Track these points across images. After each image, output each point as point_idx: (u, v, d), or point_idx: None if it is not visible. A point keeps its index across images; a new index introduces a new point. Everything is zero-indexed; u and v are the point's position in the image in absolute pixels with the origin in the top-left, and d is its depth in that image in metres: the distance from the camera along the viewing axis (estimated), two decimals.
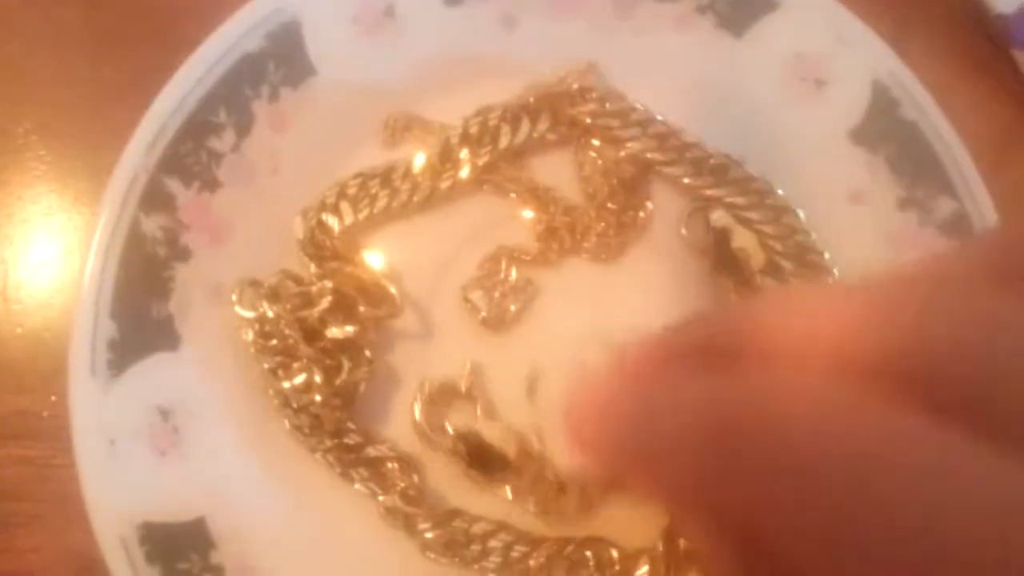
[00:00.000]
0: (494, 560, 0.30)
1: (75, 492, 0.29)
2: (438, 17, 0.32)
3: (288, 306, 0.30)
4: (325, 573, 0.30)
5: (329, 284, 0.30)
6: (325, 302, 0.30)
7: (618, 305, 0.32)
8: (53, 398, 0.32)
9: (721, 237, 0.32)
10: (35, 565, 0.31)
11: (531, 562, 0.30)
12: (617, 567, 0.30)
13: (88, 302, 0.30)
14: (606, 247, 0.33)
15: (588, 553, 0.30)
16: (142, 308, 0.30)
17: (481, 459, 0.30)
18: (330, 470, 0.30)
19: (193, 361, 0.30)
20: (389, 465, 0.31)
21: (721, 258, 0.32)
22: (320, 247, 0.31)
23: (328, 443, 0.30)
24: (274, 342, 0.30)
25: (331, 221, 0.31)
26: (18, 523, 0.31)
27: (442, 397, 0.31)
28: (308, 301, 0.30)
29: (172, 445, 0.30)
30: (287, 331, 0.30)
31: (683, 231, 0.33)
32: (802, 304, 0.15)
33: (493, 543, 0.30)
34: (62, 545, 0.31)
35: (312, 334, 0.30)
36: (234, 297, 0.30)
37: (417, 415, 0.31)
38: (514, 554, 0.30)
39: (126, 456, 0.29)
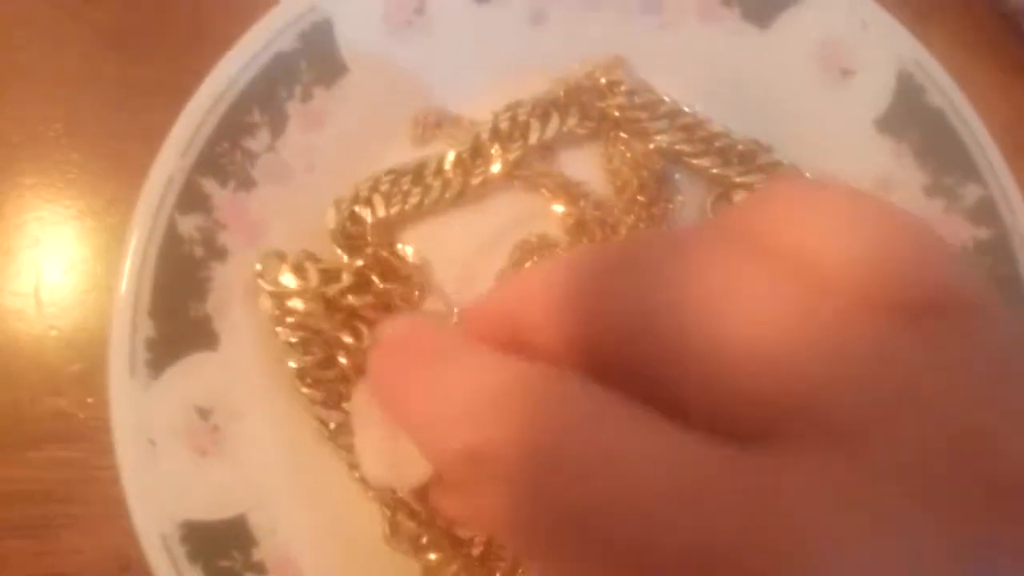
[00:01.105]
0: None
1: (115, 493, 0.29)
2: (468, 14, 0.33)
3: (311, 284, 0.30)
4: (366, 568, 0.30)
5: (358, 262, 0.30)
6: (347, 277, 0.30)
7: None
8: (90, 399, 0.32)
9: None
10: (77, 566, 0.31)
11: None
12: None
13: (126, 302, 0.30)
14: None
15: None
16: (180, 308, 0.30)
17: None
18: None
19: (232, 360, 0.30)
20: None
21: None
22: (352, 238, 0.32)
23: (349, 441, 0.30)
24: (291, 319, 0.30)
25: (364, 213, 0.32)
26: (60, 524, 0.31)
27: None
28: (332, 278, 0.30)
29: (212, 444, 0.30)
30: (309, 304, 0.30)
31: (709, 210, 0.33)
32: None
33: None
34: (104, 545, 0.31)
35: (333, 312, 0.30)
36: (258, 267, 0.30)
37: None
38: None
39: (166, 456, 0.29)
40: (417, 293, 0.31)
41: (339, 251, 0.31)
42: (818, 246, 0.15)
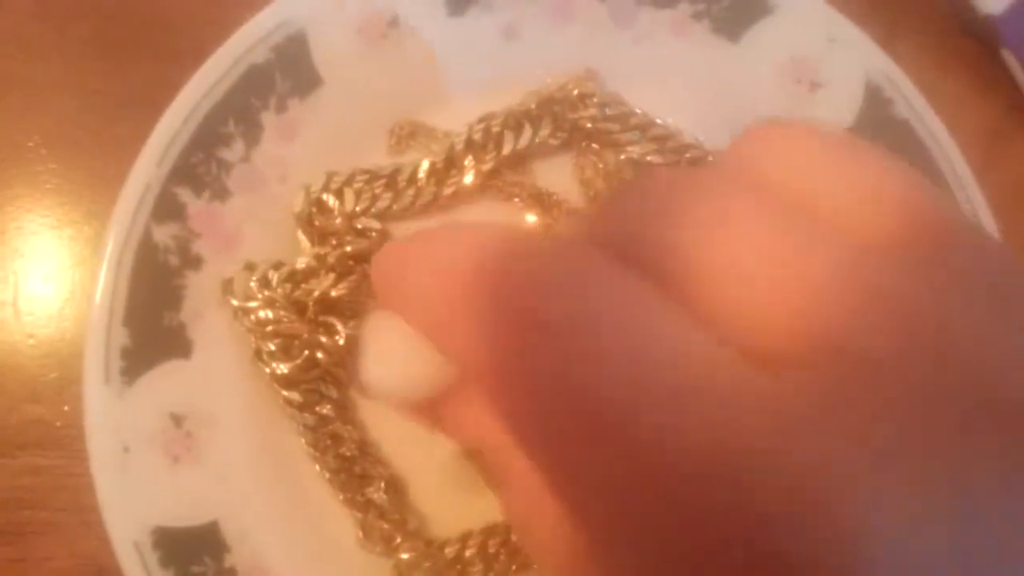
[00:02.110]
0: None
1: (89, 501, 0.30)
2: (441, 27, 0.33)
3: (279, 290, 0.30)
4: (337, 575, 0.31)
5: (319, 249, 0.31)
6: (304, 262, 0.31)
7: None
8: (66, 408, 0.33)
9: None
10: (51, 573, 0.31)
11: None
12: None
13: (101, 311, 0.30)
14: None
15: None
16: (155, 316, 0.30)
17: None
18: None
19: (205, 368, 0.31)
20: (378, 490, 0.31)
21: None
22: (317, 226, 0.32)
23: (326, 443, 0.31)
24: (269, 328, 0.30)
25: (332, 203, 0.32)
26: (33, 532, 0.32)
27: None
28: (304, 278, 0.31)
29: (185, 450, 0.30)
30: (282, 313, 0.30)
31: None
32: None
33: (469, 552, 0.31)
34: (77, 552, 0.31)
35: (303, 309, 0.31)
36: (228, 279, 0.30)
37: None
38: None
39: (140, 462, 0.30)
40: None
41: (302, 236, 0.32)
42: (817, 186, 0.15)
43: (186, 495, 0.30)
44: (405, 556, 0.30)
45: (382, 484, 0.31)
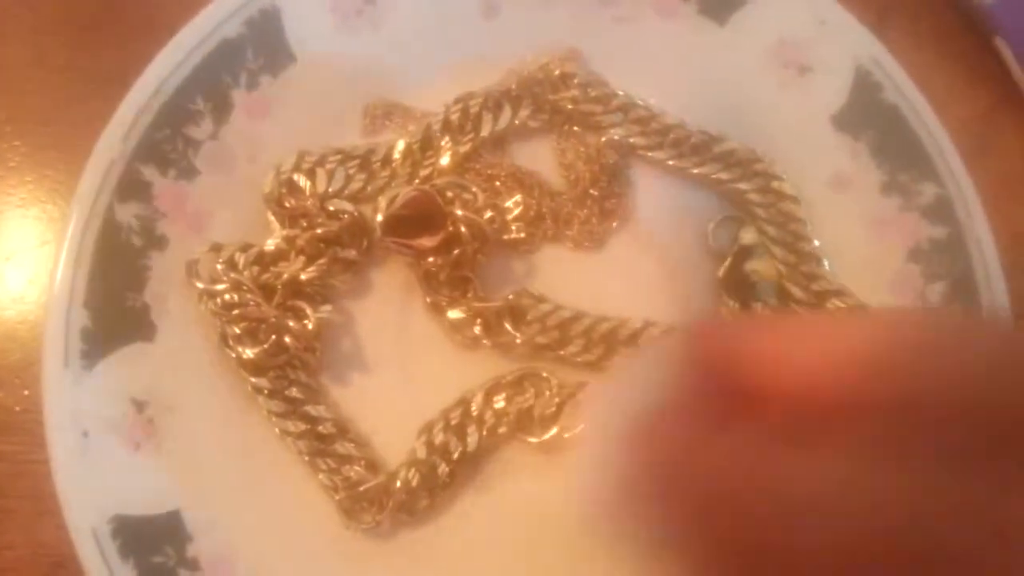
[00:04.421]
0: None
1: (49, 489, 0.29)
2: (418, 4, 0.32)
3: (246, 273, 0.29)
4: (301, 565, 0.30)
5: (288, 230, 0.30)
6: (273, 244, 0.30)
7: (601, 294, 0.32)
8: (26, 392, 0.32)
9: (742, 255, 0.32)
10: (8, 562, 0.30)
11: None
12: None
13: (62, 291, 0.29)
14: (589, 235, 0.32)
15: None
16: (117, 297, 0.29)
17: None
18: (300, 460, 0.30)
19: (169, 351, 0.30)
20: (355, 466, 0.30)
21: (733, 275, 0.32)
22: (287, 208, 0.31)
23: (301, 427, 0.30)
24: (236, 312, 0.29)
25: (303, 183, 0.31)
26: None
27: None
28: (273, 260, 0.30)
29: (147, 437, 0.29)
30: (248, 296, 0.29)
31: (710, 235, 0.32)
32: (797, 332, 0.18)
33: None
34: (36, 541, 0.30)
35: (271, 293, 0.30)
36: (193, 260, 0.30)
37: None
38: None
39: (99, 448, 0.29)
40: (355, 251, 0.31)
41: (272, 218, 0.31)
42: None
43: (147, 483, 0.29)
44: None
45: (362, 462, 0.30)
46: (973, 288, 0.31)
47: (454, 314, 0.31)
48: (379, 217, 0.30)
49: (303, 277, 0.30)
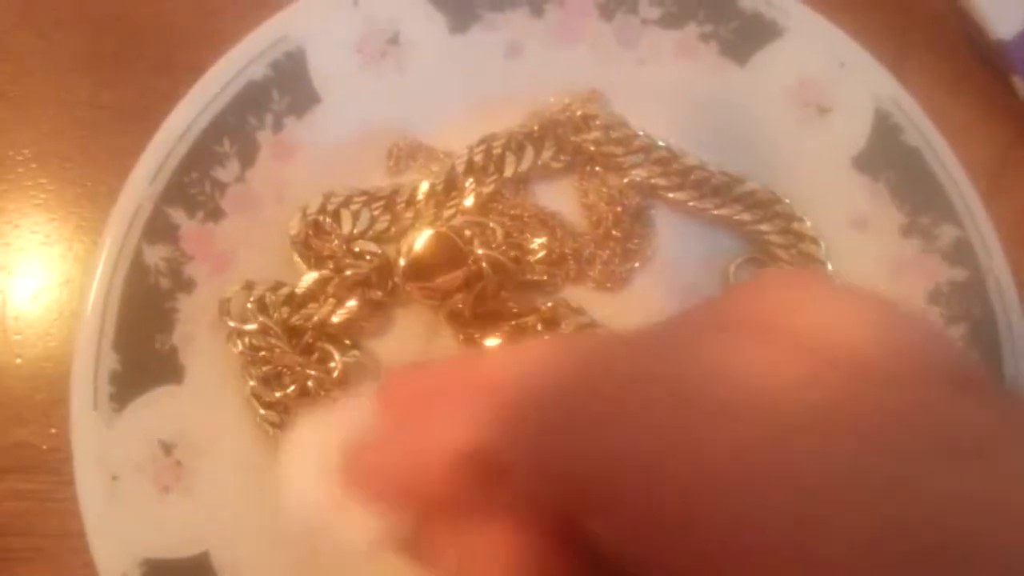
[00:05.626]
0: None
1: (76, 527, 0.29)
2: (442, 46, 0.32)
3: (275, 315, 0.30)
4: None
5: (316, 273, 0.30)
6: (329, 303, 0.30)
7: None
8: (53, 430, 0.32)
9: None
10: None
11: None
12: None
13: (90, 334, 0.29)
14: (611, 275, 0.33)
15: None
16: (145, 340, 0.30)
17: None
18: None
19: (197, 394, 0.30)
20: None
21: None
22: (313, 249, 0.31)
23: None
24: (263, 353, 0.30)
25: (329, 225, 0.31)
26: (17, 559, 0.31)
27: None
28: (302, 303, 0.30)
29: (175, 480, 0.29)
30: (274, 341, 0.29)
31: (731, 275, 0.32)
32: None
33: None
34: None
35: (299, 333, 0.30)
36: (225, 297, 0.30)
37: None
38: None
39: (128, 492, 0.29)
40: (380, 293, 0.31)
41: (298, 259, 0.31)
42: (819, 326, 0.16)
43: (176, 526, 0.29)
44: None
45: None
46: (994, 330, 0.31)
47: (491, 342, 0.31)
48: (401, 262, 0.30)
49: (334, 319, 0.30)
